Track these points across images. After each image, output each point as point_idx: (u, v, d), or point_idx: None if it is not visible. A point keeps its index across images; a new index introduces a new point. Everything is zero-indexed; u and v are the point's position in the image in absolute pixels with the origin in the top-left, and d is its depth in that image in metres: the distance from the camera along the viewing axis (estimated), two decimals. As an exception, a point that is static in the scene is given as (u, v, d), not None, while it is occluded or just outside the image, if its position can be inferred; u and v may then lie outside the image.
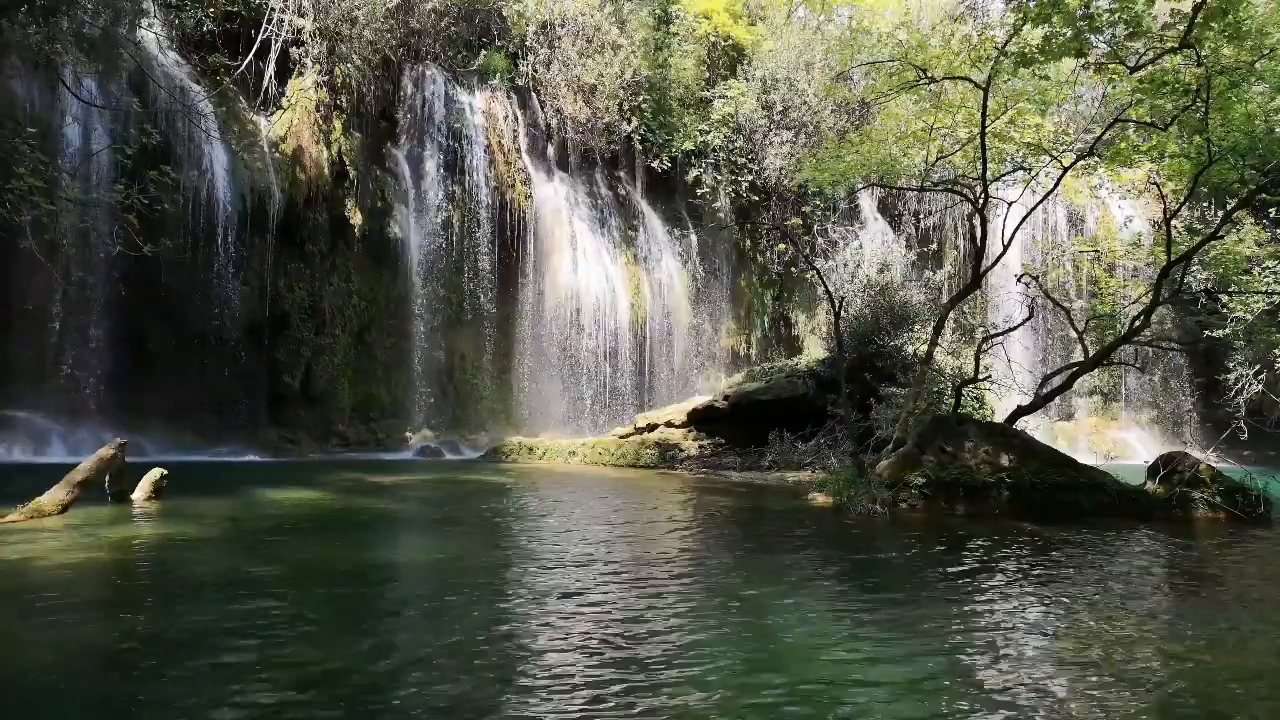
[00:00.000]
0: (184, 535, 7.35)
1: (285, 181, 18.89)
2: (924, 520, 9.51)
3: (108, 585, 5.69)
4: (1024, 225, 13.85)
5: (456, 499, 11.19)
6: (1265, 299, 16.17)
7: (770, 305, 27.42)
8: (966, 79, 12.10)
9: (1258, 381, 19.79)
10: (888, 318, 17.73)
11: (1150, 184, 16.49)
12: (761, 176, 25.91)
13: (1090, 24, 10.00)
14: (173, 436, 16.61)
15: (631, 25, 25.15)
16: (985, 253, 13.64)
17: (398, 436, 20.21)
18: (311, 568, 6.26)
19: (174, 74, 17.83)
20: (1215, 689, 3.93)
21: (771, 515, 10.09)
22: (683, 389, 23.75)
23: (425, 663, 4.01)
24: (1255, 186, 11.22)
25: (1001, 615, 5.21)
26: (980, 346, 14.12)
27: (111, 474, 8.70)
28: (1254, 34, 10.13)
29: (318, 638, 4.39)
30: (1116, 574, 6.64)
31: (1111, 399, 27.30)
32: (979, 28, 14.96)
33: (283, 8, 19.19)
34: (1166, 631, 4.90)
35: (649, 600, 5.32)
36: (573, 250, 23.34)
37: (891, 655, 4.27)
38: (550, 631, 4.56)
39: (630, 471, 15.84)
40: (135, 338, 16.95)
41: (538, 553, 7.32)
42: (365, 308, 20.67)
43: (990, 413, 17.03)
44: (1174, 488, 10.05)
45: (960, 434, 10.85)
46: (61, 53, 13.22)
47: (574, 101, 23.72)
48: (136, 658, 4.00)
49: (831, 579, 6.40)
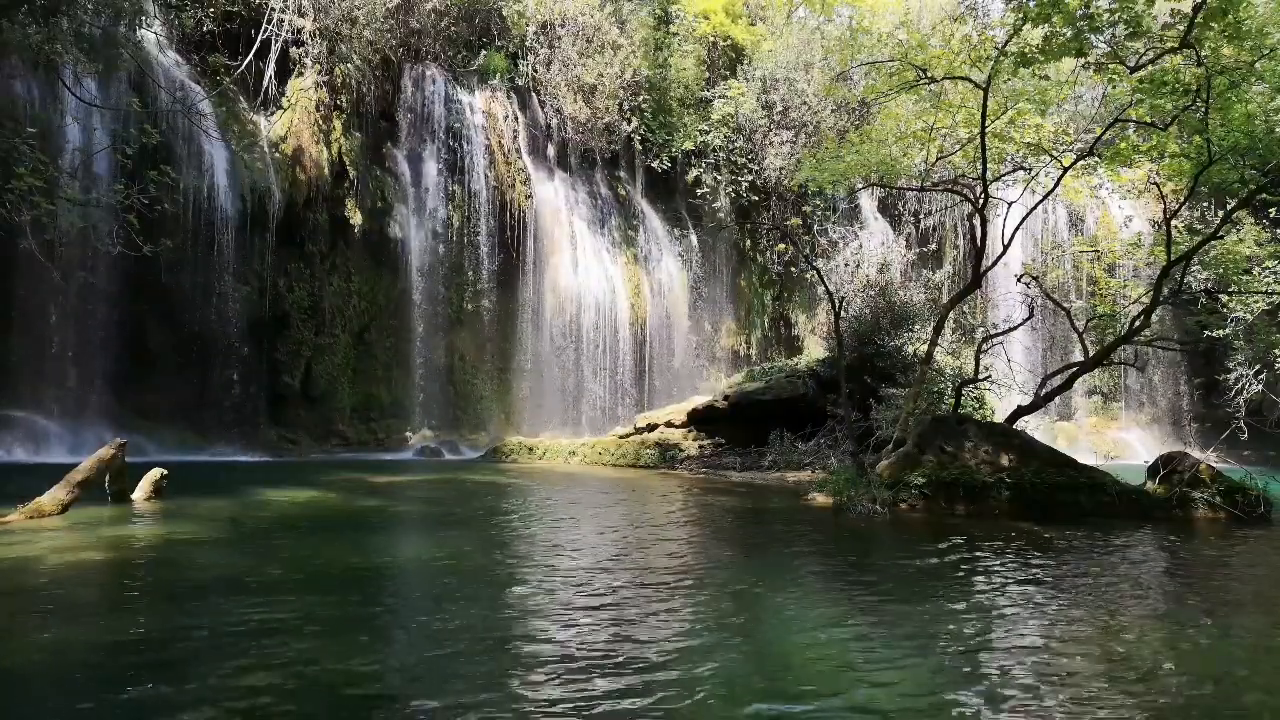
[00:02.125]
0: (184, 535, 7.35)
1: (285, 181, 18.89)
2: (924, 520, 9.51)
3: (107, 585, 5.69)
4: (1024, 225, 13.85)
5: (456, 499, 11.19)
6: (1265, 299, 16.17)
7: (770, 305, 27.42)
8: (966, 79, 12.10)
9: (1258, 381, 19.79)
10: (888, 318, 17.73)
11: (1150, 184, 16.50)
12: (761, 176, 25.91)
13: (1090, 24, 9.99)
14: (173, 436, 16.63)
15: (631, 25, 25.16)
16: (985, 253, 13.64)
17: (398, 436, 20.22)
18: (311, 568, 6.26)
19: (174, 74, 17.85)
20: (1217, 689, 3.92)
21: (771, 515, 10.08)
22: (683, 389, 23.75)
23: (425, 664, 4.01)
24: (1255, 186, 11.21)
25: (1001, 615, 5.21)
26: (980, 346, 14.12)
27: (111, 474, 8.69)
28: (1254, 34, 10.13)
29: (318, 639, 4.39)
30: (1117, 574, 6.64)
31: (1111, 399, 27.30)
32: (979, 28, 14.94)
33: (283, 8, 19.20)
34: (1167, 632, 4.90)
35: (648, 599, 5.31)
36: (573, 250, 23.36)
37: (891, 655, 4.26)
38: (548, 632, 4.56)
39: (630, 471, 15.84)
40: (135, 338, 16.96)
41: (537, 553, 7.32)
42: (365, 308, 20.67)
43: (990, 413, 17.04)
44: (1174, 488, 10.05)
45: (960, 434, 10.84)
46: (61, 53, 13.22)
47: (574, 101, 23.73)
48: (136, 658, 4.00)
49: (831, 579, 6.40)
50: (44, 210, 12.16)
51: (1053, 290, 21.65)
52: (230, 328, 17.79)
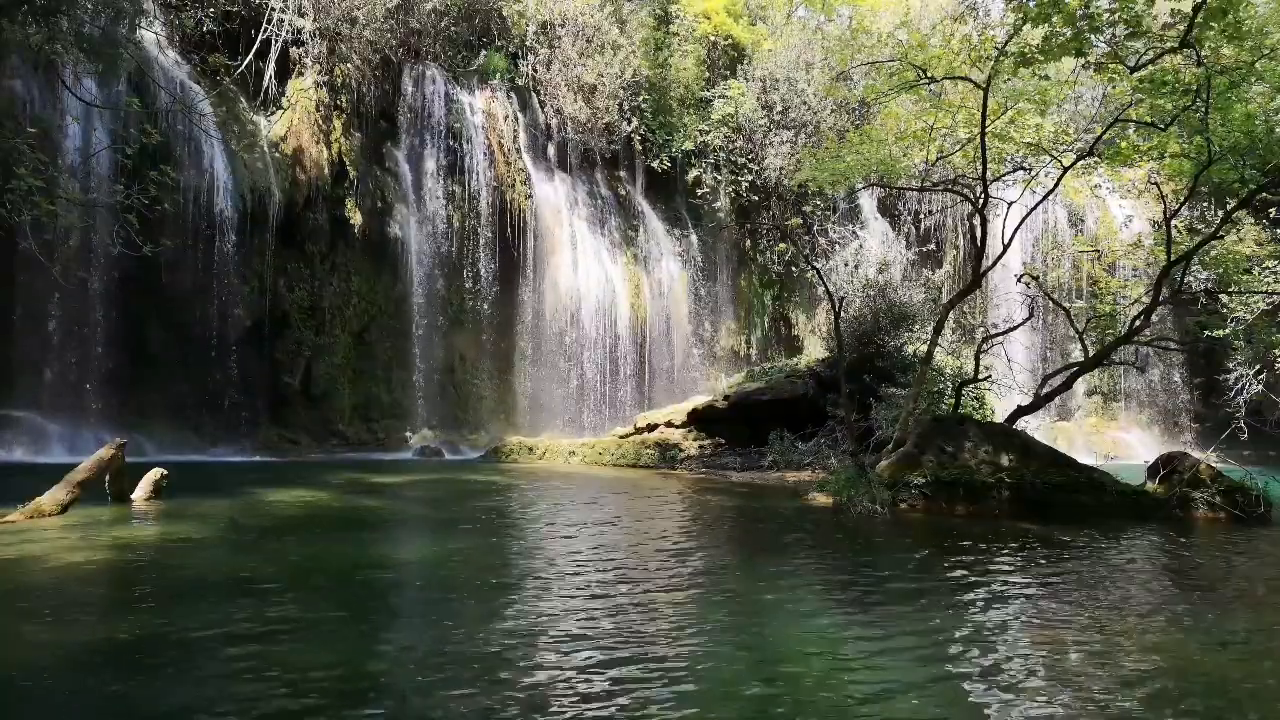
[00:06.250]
0: (184, 535, 7.35)
1: (285, 181, 18.88)
2: (924, 520, 9.51)
3: (107, 585, 5.69)
4: (1024, 225, 13.85)
5: (457, 499, 11.19)
6: (1265, 299, 16.16)
7: (770, 305, 27.42)
8: (966, 79, 12.10)
9: (1258, 381, 19.78)
10: (888, 318, 17.72)
11: (1150, 184, 16.50)
12: (761, 176, 25.90)
13: (1090, 24, 9.99)
14: (173, 436, 16.62)
15: (631, 25, 25.15)
16: (985, 253, 13.65)
17: (398, 436, 20.21)
18: (311, 569, 6.26)
19: (174, 74, 17.84)
20: (1218, 690, 3.92)
21: (771, 515, 10.08)
22: (683, 389, 23.74)
23: (425, 665, 4.01)
24: (1255, 186, 11.20)
25: (1001, 615, 5.21)
26: (980, 346, 14.12)
27: (111, 474, 8.69)
28: (1254, 34, 10.13)
29: (318, 639, 4.39)
30: (1117, 574, 6.64)
31: (1111, 399, 27.30)
32: (979, 28, 14.94)
33: (283, 8, 19.20)
34: (1168, 632, 4.90)
35: (648, 599, 5.31)
36: (573, 250, 23.35)
37: (891, 655, 4.26)
38: (548, 632, 4.55)
39: (630, 471, 15.84)
40: (135, 338, 16.95)
41: (538, 553, 7.32)
42: (365, 308, 20.66)
43: (990, 413, 17.03)
44: (1174, 488, 10.05)
45: (960, 434, 10.84)
46: (61, 53, 13.20)
47: (574, 101, 23.72)
48: (136, 658, 4.00)
49: (831, 579, 6.40)
50: (44, 210, 12.15)
51: (1053, 290, 21.67)
52: (230, 328, 17.77)
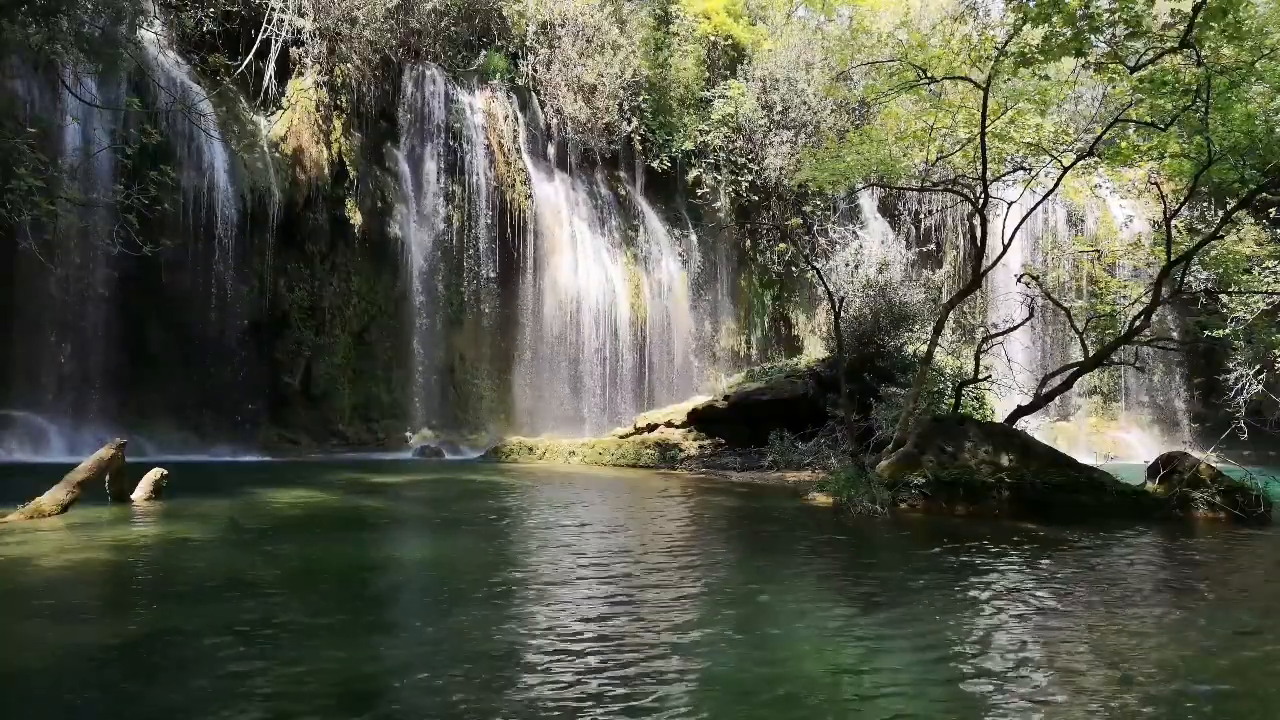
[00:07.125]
0: (184, 535, 7.35)
1: (285, 181, 18.89)
2: (924, 520, 9.51)
3: (107, 585, 5.69)
4: (1024, 225, 13.85)
5: (457, 499, 11.19)
6: (1265, 299, 16.17)
7: (770, 305, 27.43)
8: (966, 79, 12.10)
9: (1258, 381, 19.78)
10: (888, 318, 17.72)
11: (1150, 184, 16.50)
12: (761, 176, 25.91)
13: (1090, 24, 9.99)
14: (173, 436, 16.63)
15: (631, 25, 25.16)
16: (985, 253, 13.64)
17: (398, 436, 20.22)
18: (312, 569, 6.26)
19: (174, 74, 17.84)
20: (1219, 690, 3.92)
21: (771, 515, 10.08)
22: (683, 389, 23.75)
23: (426, 666, 4.01)
24: (1255, 186, 11.20)
25: (1001, 616, 5.21)
26: (980, 346, 14.11)
27: (111, 474, 8.68)
28: (1254, 34, 10.13)
29: (318, 640, 4.39)
30: (1117, 574, 6.64)
31: (1111, 399, 27.31)
32: (979, 28, 14.95)
33: (283, 8, 19.20)
34: (1168, 632, 4.90)
35: (649, 599, 5.31)
36: (573, 250, 23.36)
37: (891, 655, 4.26)
38: (547, 632, 4.55)
39: (630, 471, 15.84)
40: (135, 338, 16.95)
41: (538, 553, 7.32)
42: (365, 308, 20.67)
43: (990, 413, 17.03)
44: (1174, 488, 10.04)
45: (960, 434, 10.83)
46: (61, 53, 13.21)
47: (574, 101, 23.73)
48: (135, 659, 4.00)
49: (831, 579, 6.40)
50: (44, 210, 12.16)
51: (1053, 290, 21.67)
52: (230, 328, 17.78)
